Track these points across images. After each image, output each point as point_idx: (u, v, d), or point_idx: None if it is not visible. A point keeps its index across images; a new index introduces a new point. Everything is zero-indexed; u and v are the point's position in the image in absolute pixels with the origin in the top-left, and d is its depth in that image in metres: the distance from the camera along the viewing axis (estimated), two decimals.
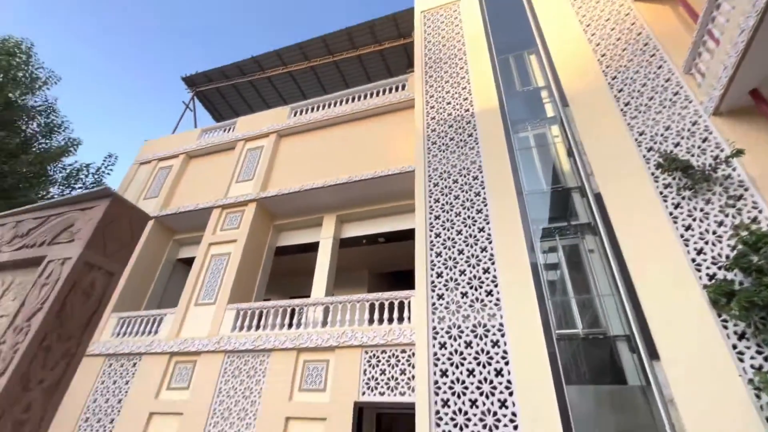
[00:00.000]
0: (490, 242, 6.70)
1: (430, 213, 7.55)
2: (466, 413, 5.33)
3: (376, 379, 7.08)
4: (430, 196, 7.77)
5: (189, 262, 11.97)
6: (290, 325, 8.64)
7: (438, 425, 5.36)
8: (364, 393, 7.02)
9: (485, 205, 7.17)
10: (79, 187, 16.28)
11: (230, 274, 9.86)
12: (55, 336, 1.66)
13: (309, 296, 9.28)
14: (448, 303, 6.38)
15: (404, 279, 10.88)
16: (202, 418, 7.68)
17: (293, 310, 8.85)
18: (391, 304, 8.05)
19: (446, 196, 7.61)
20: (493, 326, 5.91)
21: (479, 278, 6.43)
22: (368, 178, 9.82)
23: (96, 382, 9.03)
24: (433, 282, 6.70)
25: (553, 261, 6.55)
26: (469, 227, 7.01)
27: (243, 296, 9.84)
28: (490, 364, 5.61)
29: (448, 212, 7.39)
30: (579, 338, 5.64)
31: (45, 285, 1.77)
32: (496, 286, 6.26)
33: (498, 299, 6.11)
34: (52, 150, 14.51)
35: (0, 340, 1.64)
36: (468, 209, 7.24)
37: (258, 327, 8.79)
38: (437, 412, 5.46)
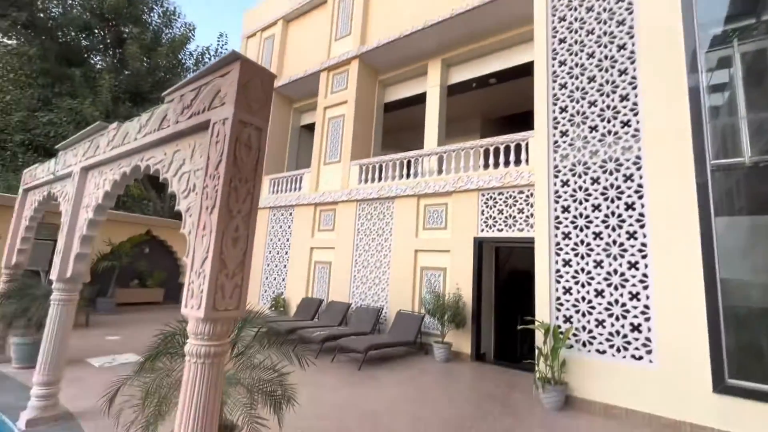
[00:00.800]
0: (632, 62, 5.49)
1: (553, 36, 6.34)
2: (588, 244, 5.41)
3: (494, 218, 7.47)
4: (553, 14, 6.40)
5: (310, 127, 13.11)
6: (408, 175, 9.29)
7: (558, 254, 5.63)
8: (482, 230, 7.59)
9: (629, 12, 5.63)
10: None
11: (348, 134, 10.58)
12: (237, 179, 2.16)
13: (422, 148, 9.54)
14: (572, 139, 5.85)
15: (519, 122, 10.10)
16: (349, 250, 9.56)
17: (409, 162, 9.35)
18: (507, 148, 7.78)
19: (574, 10, 6.16)
20: (627, 160, 5.33)
21: (614, 108, 5.56)
22: (473, 7, 8.40)
23: (268, 227, 11.70)
24: (555, 118, 6.08)
25: (720, 80, 5.13)
26: (605, 47, 5.76)
27: (362, 152, 10.66)
28: (619, 198, 5.29)
29: (576, 31, 6.09)
30: (743, 167, 4.73)
31: (218, 142, 2.22)
32: (635, 114, 5.37)
33: (637, 130, 5.32)
34: (177, 38, 15.89)
35: (203, 185, 2.21)
36: (605, 23, 5.82)
37: (380, 179, 9.69)
38: (557, 244, 5.67)
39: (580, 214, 5.55)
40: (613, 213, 5.31)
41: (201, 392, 1.95)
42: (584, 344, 5.23)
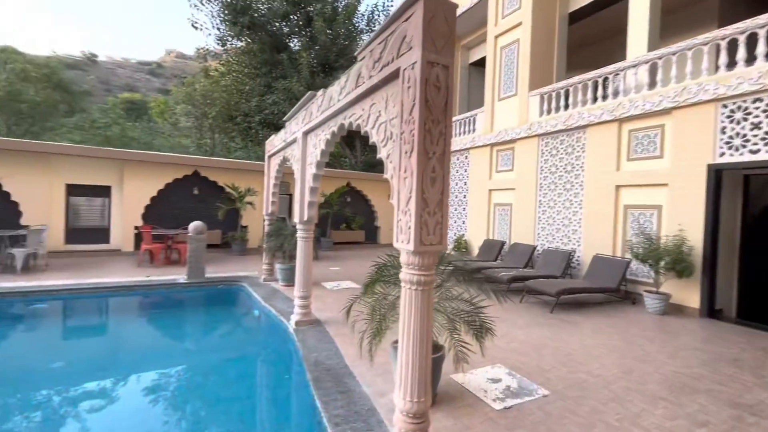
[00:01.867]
0: None
1: None
2: None
3: (744, 135, 5.49)
4: None
5: (480, 63, 12.29)
6: (604, 97, 7.71)
7: None
8: (722, 154, 5.72)
9: None
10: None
11: (524, 61, 9.45)
12: (430, 121, 2.24)
13: (624, 60, 7.64)
14: None
15: None
16: (531, 190, 8.92)
17: (605, 80, 7.71)
18: None
19: None
20: None
21: None
22: None
23: None
24: None
25: None
26: None
27: (542, 80, 9.40)
28: None
29: None
30: None
31: (409, 87, 2.32)
32: None
33: None
34: (350, 5, 17.10)
35: (400, 131, 2.39)
36: None
37: (566, 107, 8.41)
38: None
39: None
40: None
41: (417, 312, 2.26)
42: None
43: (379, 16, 18.67)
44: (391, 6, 18.63)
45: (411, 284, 2.28)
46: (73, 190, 9.81)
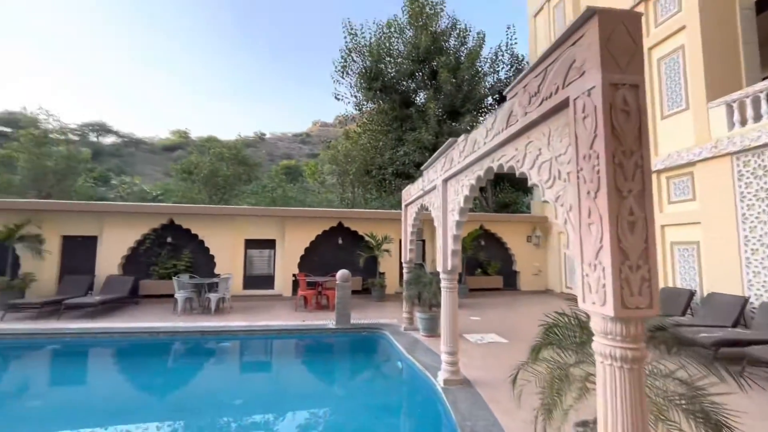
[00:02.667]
0: None
1: None
2: None
3: None
4: None
5: None
6: None
7: None
8: None
9: None
10: (502, 68, 18.88)
11: (695, 69, 7.82)
12: (620, 153, 1.82)
13: None
14: None
15: None
16: (729, 222, 6.91)
17: None
18: None
19: None
20: None
21: None
22: None
23: None
24: None
25: None
26: None
27: (725, 85, 7.55)
28: None
29: None
30: None
31: (585, 117, 1.97)
32: None
33: None
34: (472, 50, 17.49)
35: (577, 168, 2.02)
36: None
37: None
38: None
39: None
40: None
41: (622, 398, 1.73)
42: None
43: (503, 56, 18.55)
44: (515, 44, 18.35)
45: (612, 359, 1.77)
46: (249, 243, 11.87)
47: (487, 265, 13.40)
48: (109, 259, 10.68)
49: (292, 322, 8.11)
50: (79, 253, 10.76)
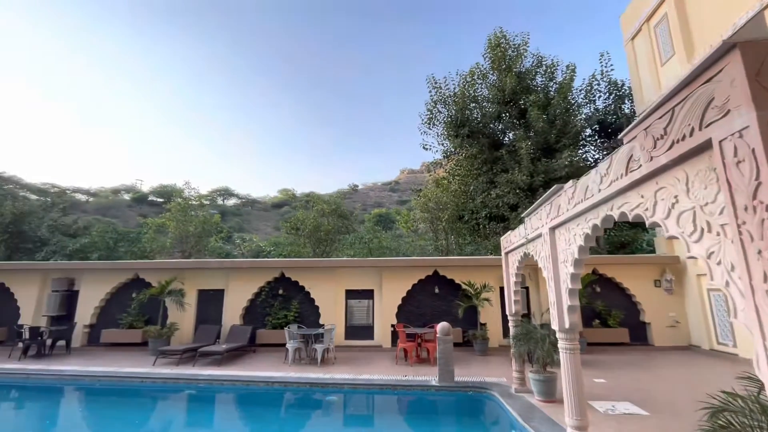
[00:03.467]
0: None
1: None
2: None
3: None
4: None
5: None
6: None
7: None
8: None
9: None
10: (599, 97, 17.61)
11: None
12: None
13: None
14: None
15: None
16: None
17: None
18: None
19: None
20: None
21: None
22: None
23: None
24: None
25: None
26: None
27: None
28: None
29: None
30: None
31: (740, 162, 1.67)
32: None
33: None
34: (563, 84, 16.75)
35: (737, 221, 1.69)
36: None
37: None
38: None
39: None
40: None
41: None
42: None
43: (598, 84, 17.38)
44: (612, 70, 17.09)
45: None
46: (349, 294, 12.36)
47: (607, 316, 11.68)
48: (232, 310, 12.08)
49: (394, 377, 7.97)
50: (210, 305, 12.42)
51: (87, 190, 76.92)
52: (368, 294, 12.36)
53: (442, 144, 19.12)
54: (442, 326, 7.52)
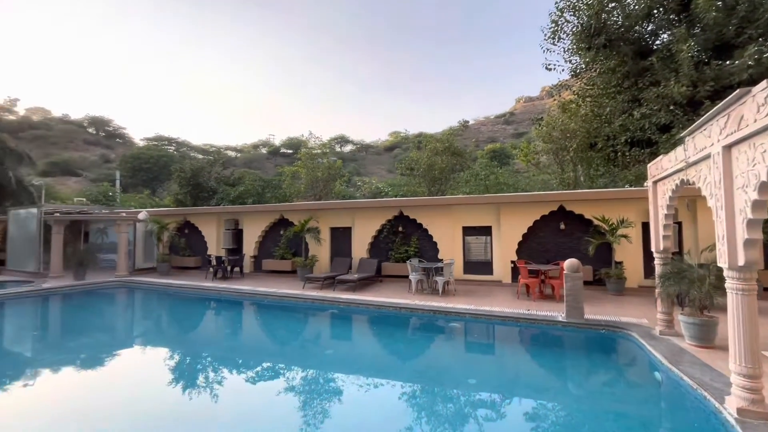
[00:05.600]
0: None
1: None
2: None
3: None
4: None
5: None
6: None
7: None
8: None
9: None
10: None
11: None
12: None
13: None
14: None
15: None
16: None
17: None
18: None
19: None
20: None
21: None
22: None
23: None
24: None
25: None
26: None
27: None
28: None
29: None
30: None
31: None
32: None
33: None
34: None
35: None
36: None
37: None
38: None
39: None
40: None
41: None
42: None
43: None
44: None
45: None
46: (466, 230, 12.44)
47: None
48: (360, 245, 13.45)
49: (515, 310, 8.02)
50: (340, 240, 14.04)
51: (235, 147, 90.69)
52: (485, 230, 12.24)
53: (570, 61, 16.42)
54: (570, 262, 7.09)
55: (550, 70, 17.17)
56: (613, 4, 14.39)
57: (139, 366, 6.85)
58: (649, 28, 14.41)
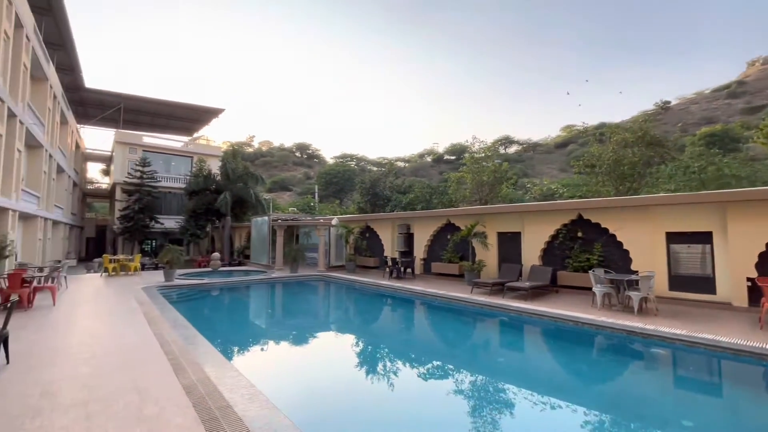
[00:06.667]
0: None
1: None
2: None
3: None
4: None
5: None
6: None
7: None
8: None
9: None
10: None
11: None
12: None
13: None
14: None
15: None
16: None
17: None
18: None
19: None
20: None
21: None
22: None
23: None
24: None
25: None
26: None
27: None
28: None
29: None
30: None
31: None
32: None
33: None
34: None
35: None
36: None
37: None
38: None
39: None
40: None
41: None
42: None
43: None
44: None
45: None
46: (672, 237, 10.09)
47: None
48: (530, 251, 12.62)
49: (757, 344, 6.03)
50: (509, 246, 13.50)
51: (403, 158, 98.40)
52: (703, 237, 9.63)
53: None
54: None
55: None
56: None
57: (336, 343, 8.33)
58: None
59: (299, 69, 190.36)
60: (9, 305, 5.35)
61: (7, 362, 5.07)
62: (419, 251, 16.50)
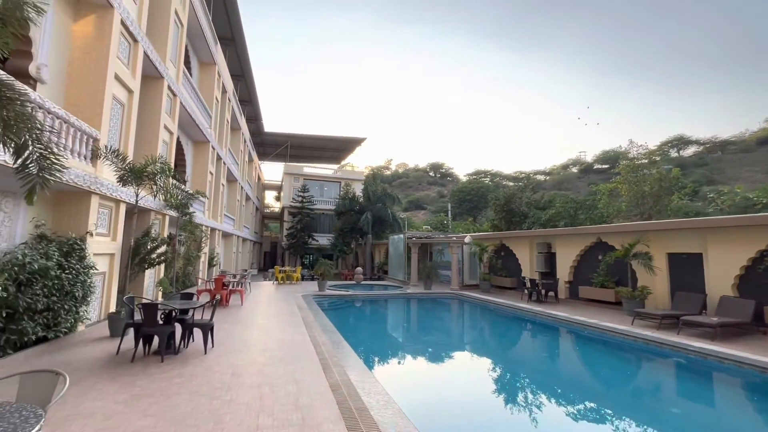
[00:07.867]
0: None
1: None
2: None
3: None
4: None
5: None
6: None
7: None
8: None
9: None
10: None
11: None
12: None
13: None
14: None
15: None
16: None
17: None
18: None
19: None
20: None
21: None
22: None
23: None
24: None
25: None
26: None
27: None
28: None
29: None
30: None
31: None
32: None
33: None
34: None
35: None
36: None
37: None
38: None
39: None
40: None
41: None
42: None
43: None
44: None
45: None
46: None
47: None
48: (718, 278, 9.95)
49: None
50: (684, 270, 10.94)
51: (543, 171, 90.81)
52: None
53: None
54: None
55: None
56: None
57: (469, 363, 8.12)
58: None
59: (429, 89, 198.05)
60: (214, 303, 7.06)
61: (212, 346, 6.67)
62: (563, 273, 14.81)
